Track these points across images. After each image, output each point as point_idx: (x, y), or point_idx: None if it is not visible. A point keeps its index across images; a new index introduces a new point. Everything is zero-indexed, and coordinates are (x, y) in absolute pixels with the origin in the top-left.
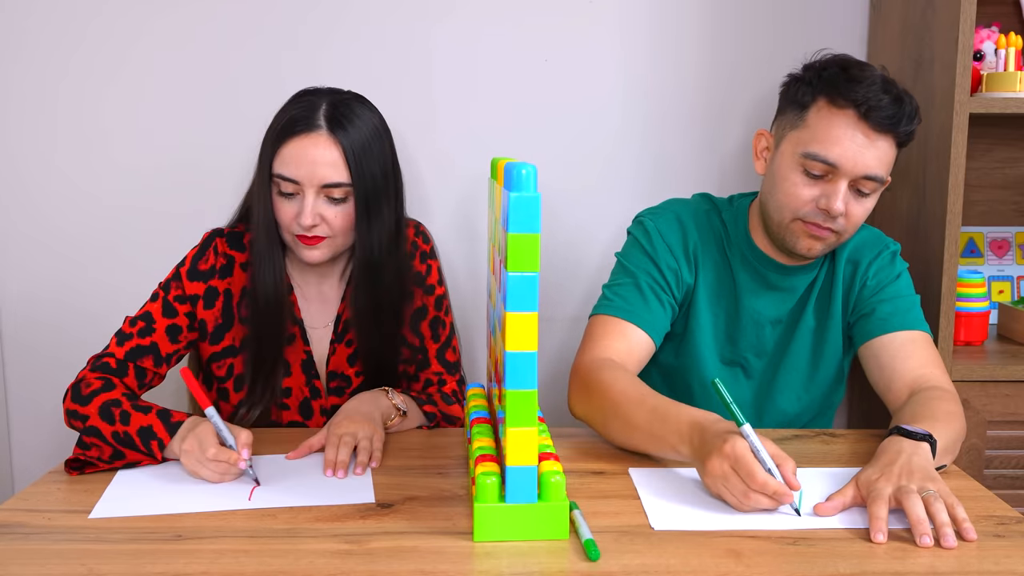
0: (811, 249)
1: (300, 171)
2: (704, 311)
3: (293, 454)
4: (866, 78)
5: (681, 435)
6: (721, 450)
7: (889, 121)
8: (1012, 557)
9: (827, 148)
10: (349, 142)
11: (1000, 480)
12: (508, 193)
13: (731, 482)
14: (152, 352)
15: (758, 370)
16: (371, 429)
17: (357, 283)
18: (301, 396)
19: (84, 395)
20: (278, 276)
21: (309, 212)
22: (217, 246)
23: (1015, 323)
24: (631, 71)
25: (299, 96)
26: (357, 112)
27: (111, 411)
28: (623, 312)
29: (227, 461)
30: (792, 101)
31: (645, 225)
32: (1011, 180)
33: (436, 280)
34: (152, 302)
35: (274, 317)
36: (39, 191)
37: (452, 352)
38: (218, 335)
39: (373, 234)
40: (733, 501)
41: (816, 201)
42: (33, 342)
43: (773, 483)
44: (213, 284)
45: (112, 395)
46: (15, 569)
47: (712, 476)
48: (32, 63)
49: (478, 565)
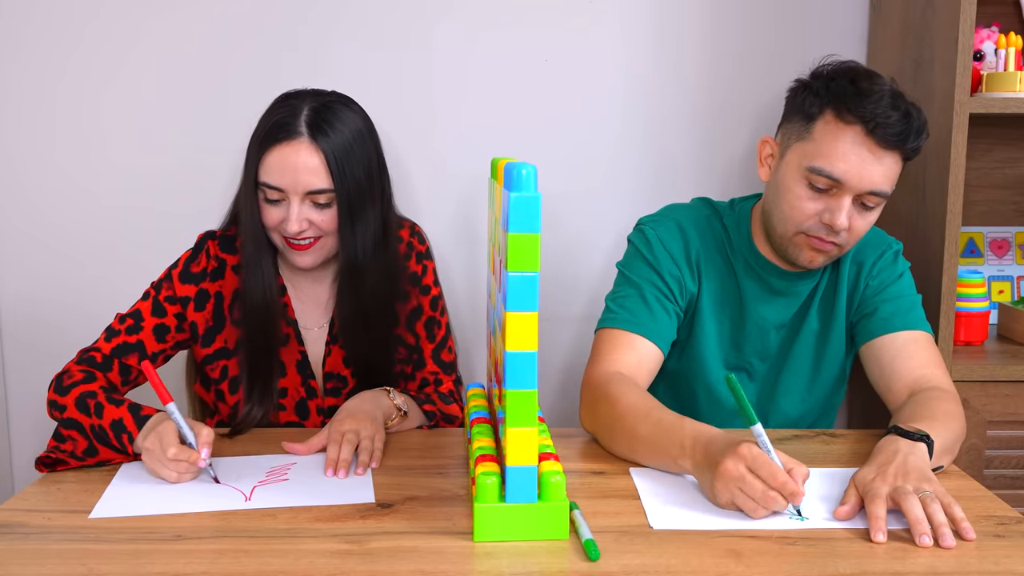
0: (813, 261)
1: (284, 179)
2: (708, 318)
3: (292, 447)
4: (875, 92)
5: (683, 448)
6: (736, 451)
7: (896, 138)
8: (1012, 557)
9: (832, 163)
10: (331, 147)
11: (1000, 480)
12: (508, 193)
13: (747, 482)
14: (138, 349)
15: (761, 373)
16: (373, 428)
17: (341, 288)
18: (297, 396)
19: (65, 386)
20: (267, 282)
21: (295, 219)
22: (209, 249)
23: (1015, 323)
24: (631, 71)
25: (281, 101)
26: (339, 115)
27: (87, 403)
28: (630, 324)
29: (187, 460)
30: (799, 110)
31: (646, 234)
32: (1011, 180)
33: (432, 281)
34: (143, 300)
35: (265, 323)
36: (39, 190)
37: (448, 352)
38: (209, 337)
39: (357, 238)
40: (748, 504)
41: (820, 215)
42: (33, 341)
43: (792, 483)
44: (204, 287)
45: (90, 387)
46: (15, 569)
47: (727, 479)
48: (31, 63)
49: (478, 565)
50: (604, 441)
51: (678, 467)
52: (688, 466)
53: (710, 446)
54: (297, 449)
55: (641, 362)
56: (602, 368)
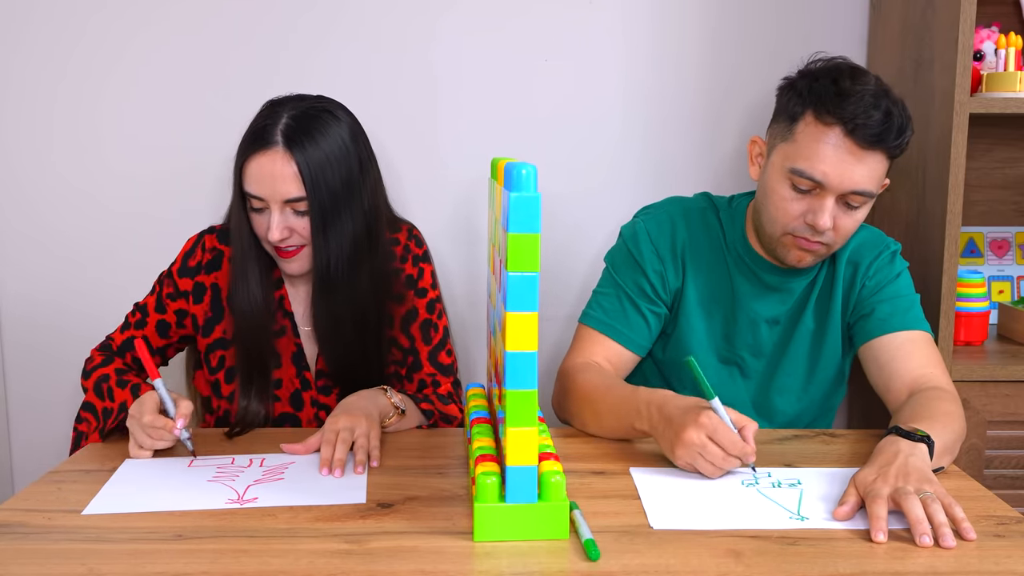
0: (801, 260)
1: (263, 188)
2: (695, 312)
3: (291, 448)
4: (856, 92)
5: (639, 412)
6: (697, 421)
7: (876, 138)
8: (1012, 557)
9: (812, 165)
10: (304, 156)
11: (1000, 480)
12: (508, 193)
13: (708, 449)
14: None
15: (756, 371)
16: (367, 425)
17: (315, 297)
18: (292, 388)
19: (87, 370)
20: (252, 295)
21: (276, 227)
22: (205, 243)
23: (1015, 323)
24: (631, 71)
25: (265, 108)
26: (317, 123)
27: (101, 387)
28: (604, 327)
29: (163, 428)
30: (784, 110)
31: (635, 227)
32: (1011, 180)
33: (428, 284)
34: (150, 295)
35: (254, 332)
36: (37, 193)
37: (446, 355)
38: (208, 327)
39: (331, 247)
40: (708, 468)
41: (804, 216)
42: (33, 342)
43: (747, 447)
44: (200, 280)
45: (106, 370)
46: (15, 569)
47: (689, 445)
48: (29, 66)
49: (478, 565)
50: (575, 422)
51: (636, 432)
52: (645, 427)
53: (664, 408)
54: (295, 449)
55: (611, 359)
56: (575, 359)
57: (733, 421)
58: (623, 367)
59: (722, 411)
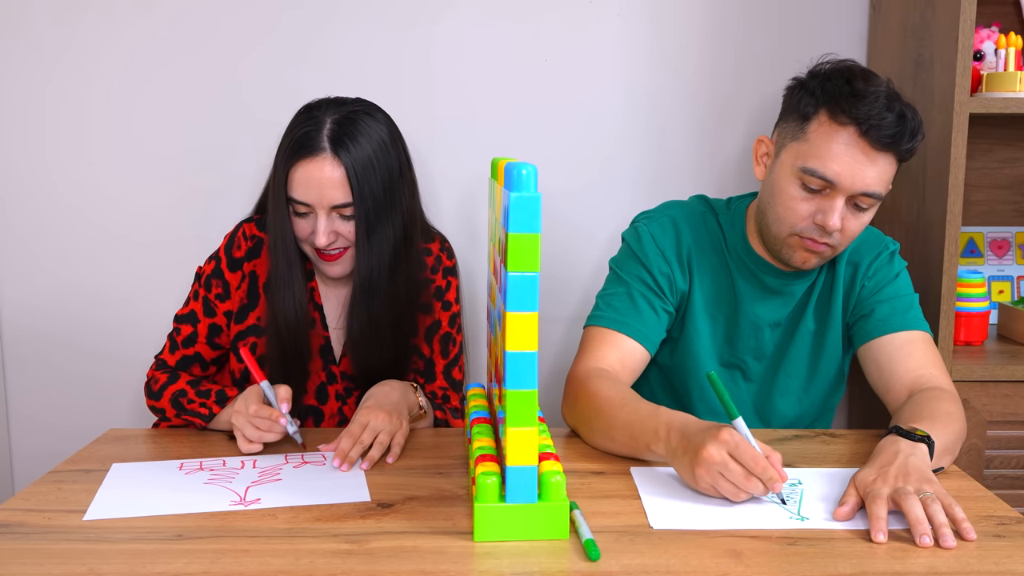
0: (807, 262)
1: (310, 195)
2: (701, 315)
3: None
4: (870, 93)
5: (657, 435)
6: (718, 438)
7: (890, 140)
8: (1012, 557)
9: (825, 164)
10: (351, 161)
11: (1000, 480)
12: (508, 193)
13: (729, 468)
14: (198, 360)
15: (757, 373)
16: (397, 424)
17: (353, 304)
18: (318, 380)
19: (156, 391)
20: (298, 301)
21: (323, 233)
22: (245, 231)
23: (1015, 323)
24: (631, 71)
25: (304, 113)
26: (361, 127)
27: (180, 400)
28: (615, 323)
29: (268, 418)
30: (794, 109)
31: (639, 230)
32: (1011, 180)
33: (453, 297)
34: (195, 301)
35: (296, 340)
36: (39, 200)
37: (459, 371)
38: (243, 314)
39: (374, 253)
40: (730, 489)
41: (813, 216)
42: (33, 346)
43: (771, 469)
44: (247, 268)
45: (179, 385)
46: (15, 569)
47: (709, 464)
48: (32, 72)
49: (478, 565)
50: (584, 434)
51: (652, 454)
52: (661, 451)
53: (685, 431)
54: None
55: (625, 360)
56: (585, 364)
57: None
58: (635, 367)
59: (746, 430)
